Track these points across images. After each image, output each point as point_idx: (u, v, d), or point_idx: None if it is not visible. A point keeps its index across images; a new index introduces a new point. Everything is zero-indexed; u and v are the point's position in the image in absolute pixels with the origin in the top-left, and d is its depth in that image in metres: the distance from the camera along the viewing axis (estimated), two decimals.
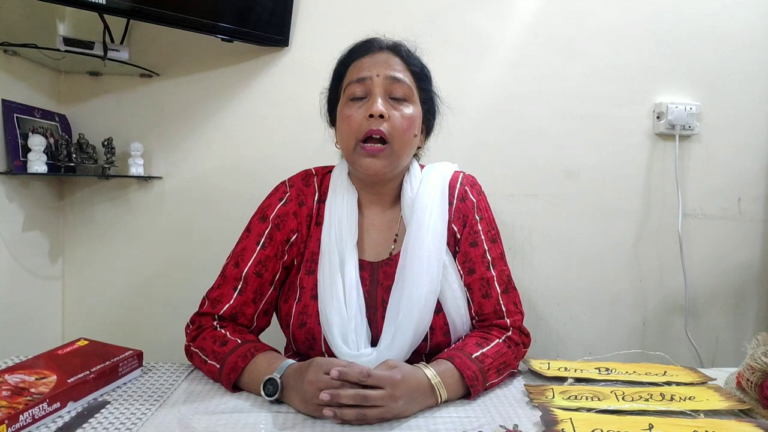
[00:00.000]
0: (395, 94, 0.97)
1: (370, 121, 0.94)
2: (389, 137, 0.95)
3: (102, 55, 1.32)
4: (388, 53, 1.01)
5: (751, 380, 0.84)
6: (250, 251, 1.00)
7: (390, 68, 0.98)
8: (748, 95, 1.63)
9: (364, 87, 0.97)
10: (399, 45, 1.03)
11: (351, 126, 0.96)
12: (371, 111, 0.94)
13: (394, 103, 0.97)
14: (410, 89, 0.99)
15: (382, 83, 0.96)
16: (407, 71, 1.00)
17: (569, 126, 1.59)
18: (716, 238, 1.66)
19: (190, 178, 1.53)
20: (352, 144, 0.97)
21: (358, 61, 1.00)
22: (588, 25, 1.57)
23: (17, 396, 0.76)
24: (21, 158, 1.28)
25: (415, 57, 1.03)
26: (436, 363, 0.88)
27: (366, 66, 0.98)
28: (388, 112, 0.95)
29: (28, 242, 1.38)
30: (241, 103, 1.52)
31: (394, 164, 0.98)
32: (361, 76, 0.97)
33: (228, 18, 1.37)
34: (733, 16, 1.60)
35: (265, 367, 0.86)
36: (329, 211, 1.01)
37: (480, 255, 1.01)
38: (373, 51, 1.00)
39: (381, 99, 0.95)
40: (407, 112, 0.97)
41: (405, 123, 0.96)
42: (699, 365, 1.52)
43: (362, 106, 0.96)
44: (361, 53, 1.01)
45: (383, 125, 0.94)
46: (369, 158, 0.95)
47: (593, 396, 0.87)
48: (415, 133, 0.99)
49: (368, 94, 0.97)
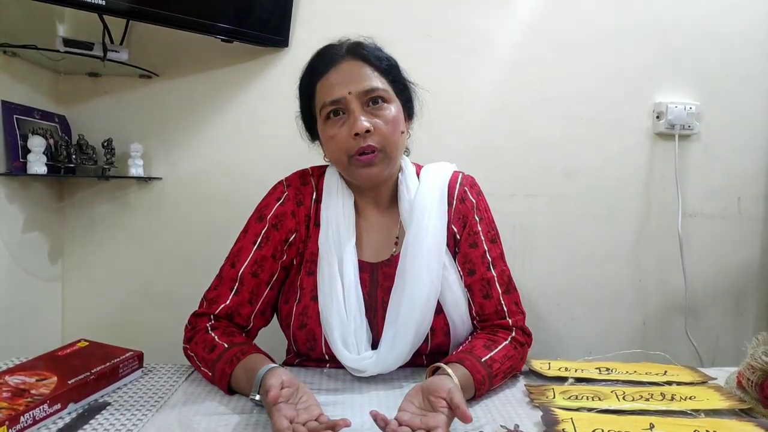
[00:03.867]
0: (372, 99, 0.95)
1: (357, 138, 0.92)
2: (380, 147, 0.94)
3: (101, 56, 1.32)
4: (351, 61, 0.96)
5: (751, 379, 0.84)
6: (246, 251, 1.00)
7: (359, 80, 0.94)
8: (748, 95, 1.63)
9: (340, 106, 0.94)
10: (358, 47, 0.98)
11: (339, 145, 0.94)
12: (356, 130, 0.92)
13: (373, 109, 0.95)
14: (385, 91, 0.96)
15: (356, 98, 0.93)
16: (376, 72, 0.96)
17: (569, 126, 1.59)
18: (716, 237, 1.66)
19: (190, 179, 1.53)
20: (345, 160, 0.95)
21: (324, 78, 0.96)
22: (588, 25, 1.57)
23: (18, 397, 0.76)
24: (20, 159, 1.28)
25: (377, 52, 0.99)
26: (453, 367, 0.86)
27: (335, 83, 0.95)
28: (371, 122, 0.93)
29: (28, 243, 1.38)
30: (241, 104, 1.52)
31: (390, 166, 0.98)
32: (334, 98, 0.94)
33: (227, 18, 1.37)
34: (732, 15, 1.60)
35: (245, 382, 0.85)
36: (326, 213, 1.01)
37: (480, 256, 1.00)
38: (335, 61, 0.96)
39: (361, 115, 0.93)
40: (389, 114, 0.95)
41: (390, 127, 0.95)
42: (699, 365, 1.52)
43: (344, 123, 0.94)
44: (324, 67, 0.97)
45: (371, 139, 0.93)
46: (365, 168, 0.95)
47: (594, 396, 0.87)
48: (402, 130, 0.98)
49: (346, 111, 0.95)
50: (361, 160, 0.94)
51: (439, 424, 0.70)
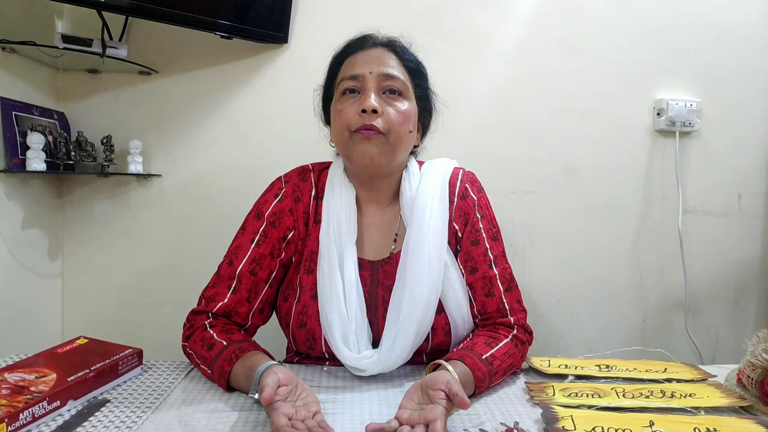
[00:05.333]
0: (389, 89, 0.95)
1: (363, 116, 0.92)
2: (384, 131, 0.93)
3: (101, 53, 1.32)
4: (382, 49, 0.99)
5: (751, 377, 0.84)
6: (244, 249, 0.99)
7: (383, 65, 0.96)
8: (749, 91, 1.63)
9: (357, 83, 0.95)
10: (393, 41, 1.01)
11: (343, 119, 0.95)
12: (364, 106, 0.92)
13: (388, 98, 0.95)
14: (405, 84, 0.97)
15: (375, 79, 0.94)
16: (402, 67, 0.98)
17: (569, 122, 1.59)
18: (716, 234, 1.66)
19: (189, 176, 1.52)
20: (346, 135, 0.95)
21: (352, 57, 0.98)
22: (588, 22, 1.57)
23: (17, 394, 0.75)
24: (20, 156, 1.28)
25: (410, 53, 1.02)
26: (453, 364, 0.86)
27: (359, 62, 0.97)
28: (381, 107, 0.93)
29: (27, 240, 1.38)
30: (241, 101, 1.52)
31: (390, 156, 0.96)
32: (354, 73, 0.95)
33: (227, 15, 1.36)
34: (733, 12, 1.60)
35: (244, 380, 0.85)
36: (327, 209, 1.00)
37: (482, 253, 1.00)
38: (367, 47, 0.99)
39: (374, 94, 0.94)
40: (402, 107, 0.96)
41: (400, 117, 0.95)
42: (699, 362, 1.52)
43: (355, 101, 0.95)
44: (355, 49, 0.99)
45: (377, 120, 0.93)
46: (364, 143, 0.93)
47: (594, 393, 0.87)
48: (410, 128, 0.98)
49: (361, 90, 0.95)
50: (361, 134, 0.93)
51: (437, 416, 0.70)
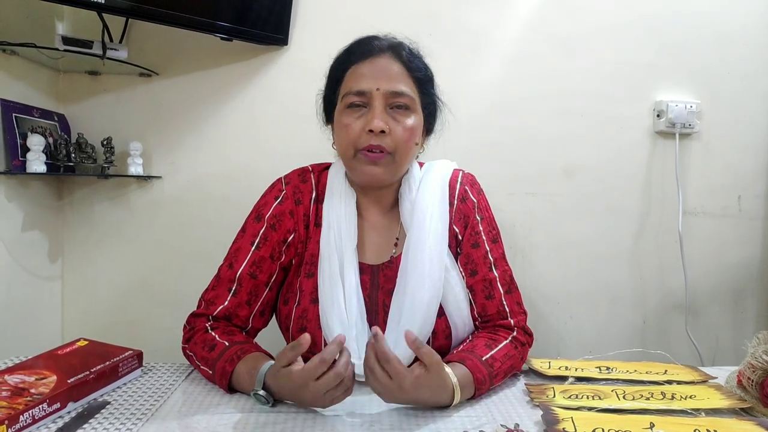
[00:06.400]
0: (396, 104, 0.94)
1: (370, 135, 0.91)
2: (391, 150, 0.93)
3: (101, 55, 1.32)
4: (388, 57, 0.95)
5: (752, 379, 0.84)
6: (244, 252, 0.99)
7: (391, 79, 0.93)
8: (749, 93, 1.63)
9: (364, 99, 0.93)
10: (400, 47, 0.97)
11: (350, 136, 0.93)
12: (371, 126, 0.91)
13: (395, 113, 0.94)
14: (412, 100, 0.95)
15: (382, 96, 0.92)
16: (409, 78, 0.96)
17: (569, 124, 1.59)
18: (716, 236, 1.66)
19: (189, 178, 1.52)
20: (350, 152, 0.94)
21: (357, 66, 0.95)
22: (588, 23, 1.57)
23: (17, 396, 0.75)
24: (20, 158, 1.28)
25: (417, 60, 0.98)
26: (453, 366, 0.86)
27: (366, 75, 0.94)
28: (388, 125, 0.92)
29: (27, 242, 1.38)
30: (241, 102, 1.52)
31: (394, 172, 0.96)
32: (361, 89, 0.93)
33: (227, 17, 1.36)
34: (733, 13, 1.60)
35: (247, 380, 0.85)
36: (328, 214, 0.99)
37: (482, 256, 1.00)
38: (373, 54, 0.95)
39: (381, 113, 0.92)
40: (408, 123, 0.94)
41: (406, 135, 0.94)
42: (699, 364, 1.52)
43: (361, 116, 0.93)
44: (361, 57, 0.96)
45: (384, 140, 0.92)
46: (369, 165, 0.93)
47: (594, 395, 0.87)
48: (416, 141, 0.97)
49: (368, 105, 0.94)
50: (368, 157, 0.93)
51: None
